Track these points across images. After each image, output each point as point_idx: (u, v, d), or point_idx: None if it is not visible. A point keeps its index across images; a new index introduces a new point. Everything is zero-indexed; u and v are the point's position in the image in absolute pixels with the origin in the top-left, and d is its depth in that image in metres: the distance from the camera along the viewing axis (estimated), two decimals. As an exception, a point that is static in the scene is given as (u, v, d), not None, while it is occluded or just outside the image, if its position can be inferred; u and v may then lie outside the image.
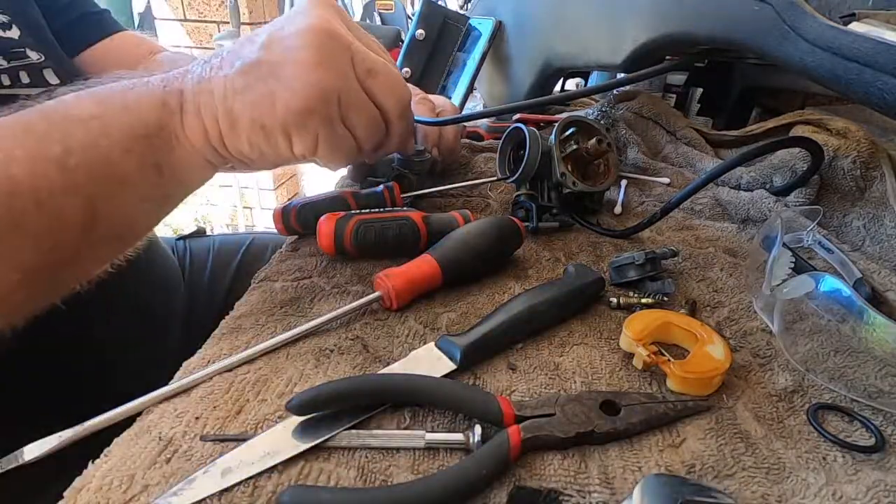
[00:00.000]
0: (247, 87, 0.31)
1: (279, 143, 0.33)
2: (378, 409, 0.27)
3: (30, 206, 0.27)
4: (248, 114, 0.32)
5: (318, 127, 0.32)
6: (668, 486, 0.22)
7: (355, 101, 0.33)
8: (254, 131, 0.32)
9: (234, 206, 2.30)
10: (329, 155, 0.35)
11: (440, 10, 0.78)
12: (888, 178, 0.46)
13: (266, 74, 0.31)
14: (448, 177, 0.59)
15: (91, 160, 0.29)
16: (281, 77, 0.31)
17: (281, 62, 0.31)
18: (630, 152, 0.62)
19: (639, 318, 0.33)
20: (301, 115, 0.32)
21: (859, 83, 0.32)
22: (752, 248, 0.45)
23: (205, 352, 0.32)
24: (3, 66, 0.46)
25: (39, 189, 0.28)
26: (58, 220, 0.29)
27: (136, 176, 0.32)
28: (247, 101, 0.31)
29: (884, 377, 0.29)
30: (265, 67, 0.31)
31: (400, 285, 0.35)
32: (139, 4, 2.15)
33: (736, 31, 0.42)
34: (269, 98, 0.31)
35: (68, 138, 0.29)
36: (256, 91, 0.31)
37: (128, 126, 0.31)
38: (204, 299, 0.68)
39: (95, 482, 0.23)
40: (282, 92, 0.31)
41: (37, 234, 0.28)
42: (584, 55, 0.66)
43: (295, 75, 0.31)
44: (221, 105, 0.32)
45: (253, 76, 0.31)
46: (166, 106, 0.32)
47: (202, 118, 0.32)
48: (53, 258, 0.30)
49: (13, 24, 0.48)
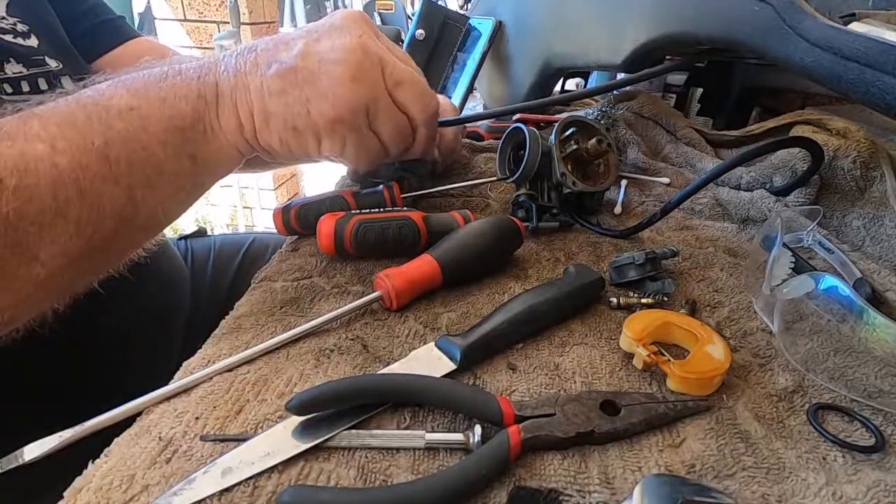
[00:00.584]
0: (282, 91, 0.34)
1: (308, 144, 0.36)
2: (378, 409, 0.27)
3: (73, 194, 0.29)
4: (282, 114, 0.34)
5: (347, 133, 0.35)
6: (668, 486, 0.22)
7: (383, 110, 0.36)
8: (286, 131, 0.35)
9: (234, 207, 2.30)
10: (355, 157, 0.38)
11: (440, 10, 0.78)
12: (888, 178, 0.46)
13: (302, 81, 0.34)
14: (448, 177, 0.59)
15: (131, 151, 0.31)
16: (316, 86, 0.34)
17: (317, 72, 0.34)
18: (630, 152, 0.62)
19: (639, 318, 0.33)
20: (332, 122, 0.35)
21: (859, 83, 0.32)
22: (752, 248, 0.45)
23: (205, 352, 0.32)
24: (23, 73, 0.47)
25: (82, 179, 0.29)
26: (99, 208, 0.30)
27: (173, 166, 0.33)
28: (281, 103, 0.34)
29: (884, 377, 0.29)
30: (301, 75, 0.34)
31: (400, 285, 0.35)
32: (139, 4, 2.16)
33: (736, 31, 0.42)
34: (303, 104, 0.34)
35: (109, 130, 0.30)
36: (292, 95, 0.34)
37: (167, 118, 0.32)
38: (205, 299, 0.68)
39: (95, 482, 0.23)
40: (316, 99, 0.34)
41: (79, 221, 0.29)
42: (585, 55, 0.66)
43: (329, 86, 0.34)
44: (258, 103, 0.34)
45: (289, 81, 0.34)
46: (202, 98, 0.33)
47: (238, 112, 0.34)
48: (95, 243, 0.31)
49: (32, 33, 0.49)
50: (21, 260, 0.28)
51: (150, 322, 0.58)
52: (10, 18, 0.48)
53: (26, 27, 0.49)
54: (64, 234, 0.29)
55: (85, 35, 0.57)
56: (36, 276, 0.29)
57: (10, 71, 0.46)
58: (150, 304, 0.58)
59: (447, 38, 0.79)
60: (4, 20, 0.47)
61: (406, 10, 2.36)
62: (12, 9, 0.48)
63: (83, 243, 0.30)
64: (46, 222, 0.28)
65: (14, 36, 0.47)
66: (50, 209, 0.28)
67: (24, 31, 0.48)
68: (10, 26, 0.48)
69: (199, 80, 0.34)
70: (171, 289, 0.63)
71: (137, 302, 0.55)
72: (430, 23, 0.77)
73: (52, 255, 0.29)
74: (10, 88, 0.45)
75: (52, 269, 0.29)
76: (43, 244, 0.29)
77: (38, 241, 0.28)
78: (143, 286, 0.55)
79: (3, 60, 0.46)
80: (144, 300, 0.56)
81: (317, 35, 0.35)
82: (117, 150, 0.30)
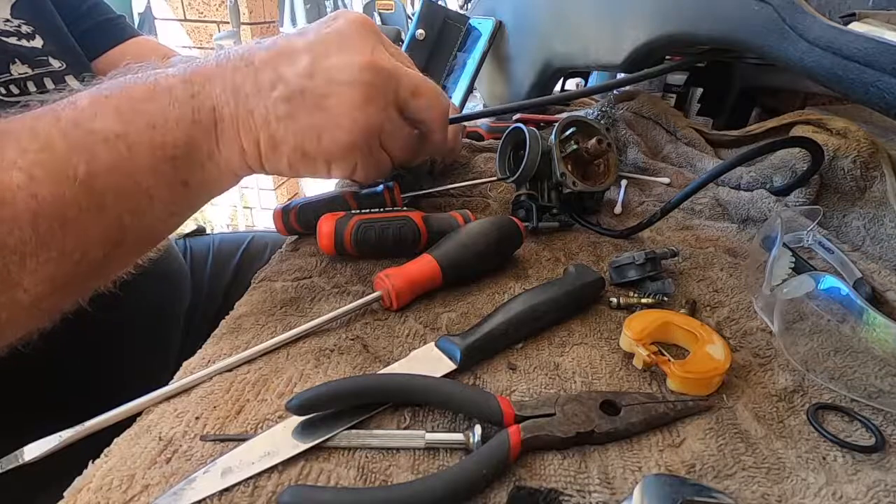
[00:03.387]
0: (290, 116, 0.31)
1: (319, 168, 0.34)
2: (378, 409, 0.27)
3: (55, 225, 0.27)
4: (291, 141, 0.32)
5: (359, 157, 0.34)
6: (668, 486, 0.22)
7: (395, 129, 0.35)
8: (295, 156, 0.33)
9: (233, 206, 2.30)
10: (364, 177, 0.37)
11: (440, 10, 0.78)
12: (888, 178, 0.46)
13: (311, 106, 0.31)
14: (448, 177, 0.59)
15: (118, 181, 0.29)
16: (327, 110, 0.31)
17: (327, 95, 0.31)
18: (630, 152, 0.62)
19: (639, 318, 0.33)
20: (345, 149, 0.33)
21: (859, 83, 0.32)
22: (752, 248, 0.45)
23: (205, 352, 0.32)
24: (29, 73, 0.47)
25: (65, 210, 0.28)
26: (85, 237, 0.29)
27: (164, 193, 0.31)
28: (290, 129, 0.32)
29: (884, 377, 0.29)
30: (310, 99, 0.31)
31: (400, 285, 0.35)
32: (139, 4, 2.16)
33: (736, 31, 0.42)
34: (314, 130, 0.32)
35: (93, 160, 0.28)
36: (301, 122, 0.32)
37: (158, 145, 0.30)
38: (204, 297, 0.68)
39: (95, 482, 0.23)
40: (328, 127, 0.32)
41: (63, 250, 0.28)
42: (585, 55, 0.66)
43: (342, 112, 0.31)
44: (264, 130, 0.32)
45: (296, 105, 0.31)
46: (198, 124, 0.31)
47: (241, 139, 0.32)
48: (82, 269, 0.30)
49: (37, 34, 0.49)
50: (3, 287, 0.27)
51: (151, 319, 0.58)
52: (14, 20, 0.48)
53: (31, 28, 0.49)
54: (47, 262, 0.28)
55: (85, 34, 0.58)
56: (20, 301, 0.28)
57: (16, 72, 0.46)
58: (151, 302, 0.58)
59: (447, 38, 0.79)
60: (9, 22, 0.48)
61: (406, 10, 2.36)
62: (17, 10, 0.49)
63: (69, 269, 0.29)
64: (28, 252, 0.27)
65: (19, 38, 0.48)
66: (31, 240, 0.27)
67: (29, 33, 0.49)
68: (15, 28, 0.48)
69: (192, 99, 0.31)
70: (171, 286, 0.63)
71: (138, 299, 0.55)
72: (430, 23, 0.77)
73: (35, 283, 0.28)
74: (16, 89, 0.46)
75: (36, 295, 0.28)
76: (25, 272, 0.27)
77: (20, 270, 0.27)
78: (144, 284, 0.55)
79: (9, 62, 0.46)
80: (145, 298, 0.56)
81: (323, 48, 0.32)
82: (103, 181, 0.28)
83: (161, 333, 0.60)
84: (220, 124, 0.31)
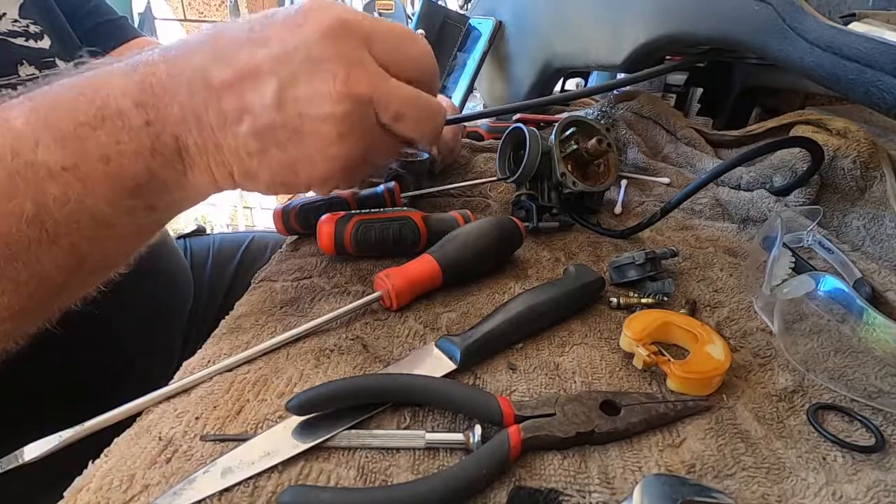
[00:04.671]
0: (262, 151, 0.29)
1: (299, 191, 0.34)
2: (378, 409, 0.27)
3: (2, 262, 0.26)
4: (267, 174, 0.30)
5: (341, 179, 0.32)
6: (668, 486, 0.22)
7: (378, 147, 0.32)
8: (273, 186, 0.31)
9: (234, 206, 2.30)
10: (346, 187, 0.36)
11: (440, 10, 0.78)
12: (888, 178, 0.46)
13: (284, 141, 0.29)
14: (448, 177, 0.59)
15: (70, 213, 0.27)
16: (301, 145, 0.29)
17: (299, 130, 0.28)
18: (630, 152, 0.62)
19: (639, 318, 0.33)
20: (324, 179, 0.31)
21: (859, 83, 0.32)
22: (752, 248, 0.45)
23: (205, 352, 0.32)
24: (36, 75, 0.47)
25: (12, 246, 0.26)
26: (38, 267, 0.27)
27: (125, 220, 0.29)
28: (264, 164, 0.30)
29: (884, 377, 0.29)
30: (281, 133, 0.28)
31: (400, 285, 0.35)
32: (139, 4, 2.15)
33: (736, 31, 0.42)
34: (289, 166, 0.30)
35: (41, 195, 0.26)
36: (274, 158, 0.29)
37: (114, 177, 0.27)
38: (204, 298, 0.68)
39: (95, 482, 0.23)
40: (304, 161, 0.30)
41: (17, 281, 0.27)
42: (585, 55, 0.66)
43: (318, 148, 0.29)
44: (237, 164, 0.30)
45: (268, 141, 0.29)
46: (159, 156, 0.28)
47: (212, 170, 0.30)
48: (39, 296, 0.28)
49: (45, 34, 0.49)
50: None
51: (151, 319, 0.58)
52: (22, 20, 0.48)
53: (39, 28, 0.49)
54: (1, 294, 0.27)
55: (87, 35, 0.57)
56: None
57: (24, 73, 0.46)
58: (152, 302, 0.58)
59: (447, 38, 0.79)
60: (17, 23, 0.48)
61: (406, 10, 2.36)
62: (25, 10, 0.49)
63: (25, 298, 0.28)
64: None
65: (27, 38, 0.47)
66: None
67: (37, 33, 0.49)
68: (23, 28, 0.48)
69: (148, 127, 0.27)
70: (172, 286, 0.63)
71: (138, 299, 0.55)
72: (430, 23, 0.77)
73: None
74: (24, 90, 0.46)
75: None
76: None
77: None
78: (145, 284, 0.55)
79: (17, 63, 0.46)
80: (146, 297, 0.56)
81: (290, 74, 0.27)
82: (55, 216, 0.26)
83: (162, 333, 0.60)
84: (186, 154, 0.29)
